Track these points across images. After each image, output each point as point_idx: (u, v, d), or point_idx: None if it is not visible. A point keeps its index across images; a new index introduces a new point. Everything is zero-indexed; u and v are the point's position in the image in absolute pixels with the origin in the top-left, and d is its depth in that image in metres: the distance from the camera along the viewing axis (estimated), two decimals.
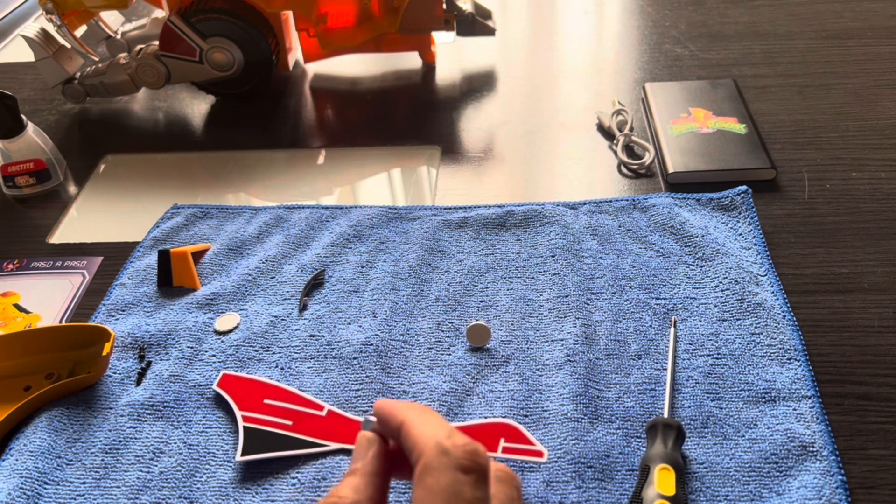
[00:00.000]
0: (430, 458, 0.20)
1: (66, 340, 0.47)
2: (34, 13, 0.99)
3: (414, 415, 0.22)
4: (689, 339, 0.46)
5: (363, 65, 0.81)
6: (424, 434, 0.21)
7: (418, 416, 0.22)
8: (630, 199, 0.58)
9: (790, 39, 0.79)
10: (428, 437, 0.21)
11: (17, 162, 0.64)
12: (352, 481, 0.22)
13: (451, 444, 0.20)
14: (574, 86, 0.75)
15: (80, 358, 0.47)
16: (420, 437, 0.21)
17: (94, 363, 0.46)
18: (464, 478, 0.20)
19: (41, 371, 0.46)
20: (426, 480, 0.20)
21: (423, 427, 0.21)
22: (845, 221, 0.55)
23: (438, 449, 0.20)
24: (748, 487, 0.38)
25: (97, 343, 0.46)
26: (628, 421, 0.42)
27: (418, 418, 0.22)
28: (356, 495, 0.21)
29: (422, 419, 0.22)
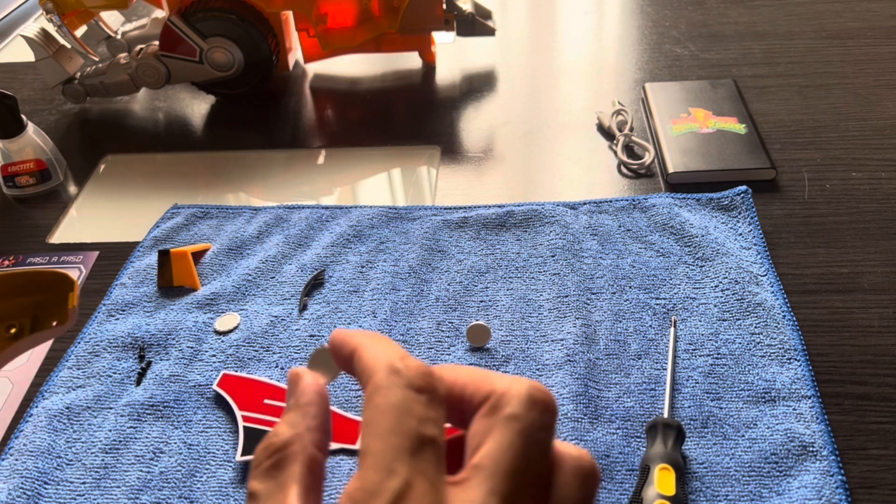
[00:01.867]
0: (380, 378, 0.19)
1: (23, 286, 0.42)
2: (34, 13, 0.99)
3: (367, 340, 0.21)
4: (689, 338, 0.46)
5: (363, 65, 0.81)
6: (376, 357, 0.20)
7: (371, 340, 0.21)
8: (630, 199, 0.58)
9: (790, 39, 0.79)
10: (380, 359, 0.20)
11: (17, 162, 0.64)
12: (286, 417, 0.21)
13: (402, 365, 0.19)
14: (574, 86, 0.75)
15: (41, 302, 0.42)
16: (371, 359, 0.20)
17: (58, 312, 0.42)
18: (415, 395, 0.19)
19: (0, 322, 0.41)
20: (374, 399, 0.19)
21: (375, 350, 0.20)
22: (845, 221, 0.55)
23: (389, 369, 0.19)
24: (748, 487, 0.38)
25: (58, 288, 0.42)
26: (628, 421, 0.42)
27: (371, 342, 0.21)
28: (292, 429, 0.20)
29: (374, 343, 0.21)
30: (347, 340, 0.21)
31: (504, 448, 0.18)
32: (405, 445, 0.18)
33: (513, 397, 0.19)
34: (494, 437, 0.18)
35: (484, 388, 0.19)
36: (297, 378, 0.22)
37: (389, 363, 0.19)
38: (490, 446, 0.18)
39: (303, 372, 0.22)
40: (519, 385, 0.19)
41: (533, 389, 0.19)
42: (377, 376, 0.19)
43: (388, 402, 0.19)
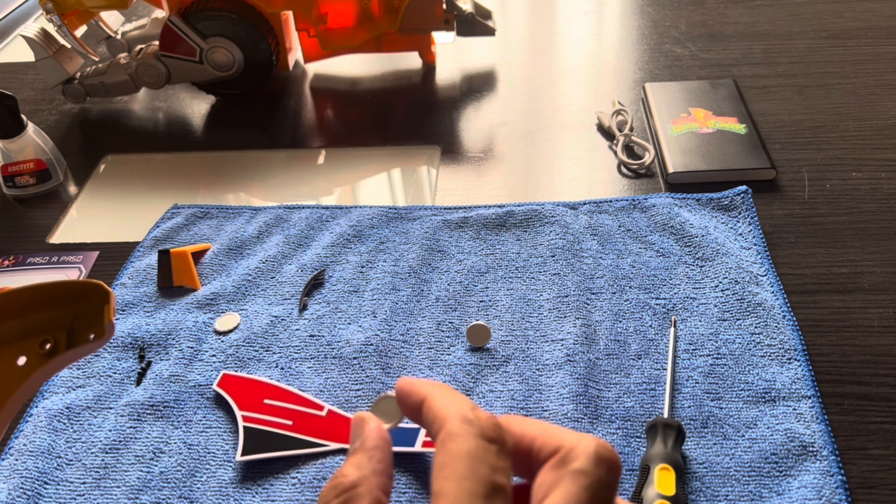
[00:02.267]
0: (453, 426, 0.20)
1: (55, 297, 0.39)
2: (34, 13, 0.99)
3: (436, 390, 0.22)
4: (689, 338, 0.46)
5: (363, 65, 0.81)
6: (447, 407, 0.21)
7: (441, 391, 0.22)
8: (630, 199, 0.58)
9: (790, 39, 0.79)
10: (451, 409, 0.20)
11: (18, 162, 0.64)
12: (352, 459, 0.22)
13: (474, 416, 0.20)
14: (574, 86, 0.75)
15: (74, 313, 0.39)
16: (442, 409, 0.21)
17: (93, 324, 0.38)
18: (487, 444, 0.19)
19: (33, 336, 0.38)
20: (448, 445, 0.20)
21: (446, 401, 0.21)
22: (845, 221, 0.55)
23: (462, 419, 0.20)
24: (748, 487, 0.38)
25: (92, 299, 0.38)
26: (628, 421, 0.42)
27: (441, 393, 0.21)
28: (359, 471, 0.21)
29: (444, 394, 0.21)
30: (416, 389, 0.22)
31: (570, 500, 0.19)
32: (478, 491, 0.18)
33: (581, 453, 0.20)
34: (561, 489, 0.19)
35: (553, 441, 0.20)
36: (363, 422, 0.22)
37: (462, 413, 0.20)
38: (557, 497, 0.19)
39: (368, 416, 0.23)
40: (587, 442, 0.20)
41: (601, 448, 0.20)
42: (450, 424, 0.20)
43: (462, 449, 0.19)
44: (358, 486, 0.20)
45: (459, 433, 0.19)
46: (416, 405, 0.22)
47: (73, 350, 0.37)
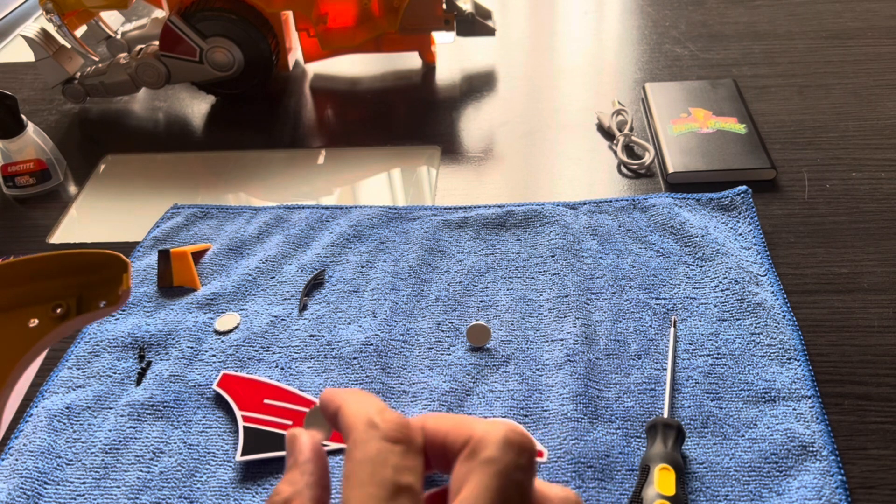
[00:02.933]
0: (358, 433, 0.20)
1: (72, 266, 0.40)
2: (34, 13, 0.99)
3: (350, 397, 0.22)
4: (689, 338, 0.46)
5: (363, 65, 0.81)
6: (356, 413, 0.21)
7: (353, 397, 0.22)
8: (630, 199, 0.58)
9: (790, 39, 0.79)
10: (359, 415, 0.21)
11: (18, 162, 0.64)
12: (287, 476, 0.22)
13: (380, 419, 0.20)
14: (574, 86, 0.75)
15: (88, 283, 0.40)
16: (352, 415, 0.21)
17: (108, 292, 0.39)
18: (391, 446, 0.19)
19: (45, 301, 0.39)
20: (353, 453, 0.20)
21: (356, 406, 0.21)
22: (845, 221, 0.55)
23: (367, 424, 0.20)
24: (748, 487, 0.38)
25: (108, 269, 0.40)
26: (628, 421, 0.42)
27: (353, 399, 0.22)
28: (292, 487, 0.21)
29: (356, 400, 0.22)
30: (333, 398, 0.22)
31: (482, 490, 0.19)
32: (381, 494, 0.18)
33: (489, 441, 0.19)
34: (472, 480, 0.19)
35: (463, 433, 0.20)
36: (294, 438, 0.23)
37: (367, 418, 0.20)
38: (468, 490, 0.19)
39: (299, 432, 0.23)
40: (496, 428, 0.20)
41: (509, 432, 0.20)
42: (356, 432, 0.20)
43: (365, 454, 0.19)
44: (291, 502, 0.20)
45: (364, 439, 0.20)
46: (333, 415, 0.22)
47: (84, 315, 0.38)
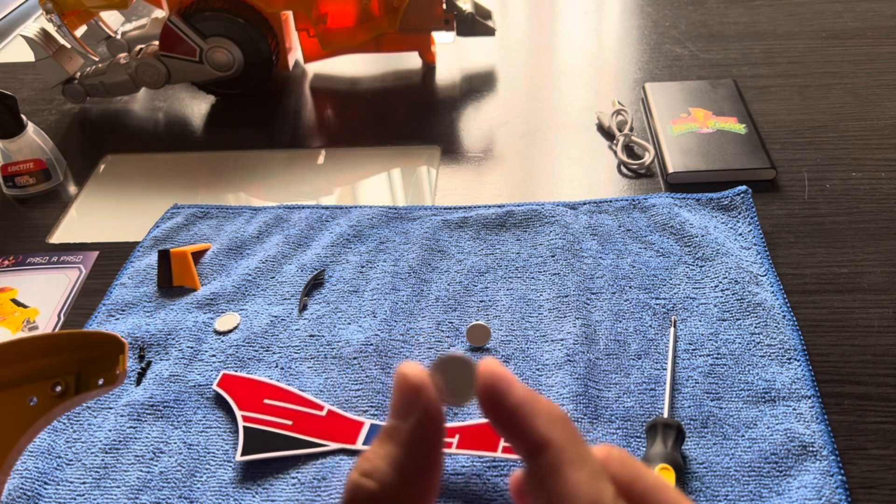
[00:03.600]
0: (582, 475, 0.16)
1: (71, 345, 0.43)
2: (34, 13, 0.99)
3: (566, 440, 0.17)
4: (689, 338, 0.46)
5: (363, 65, 0.81)
6: (583, 491, 0.16)
7: (571, 445, 0.16)
8: (630, 199, 0.58)
9: (790, 39, 0.79)
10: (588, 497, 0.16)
11: (18, 162, 0.64)
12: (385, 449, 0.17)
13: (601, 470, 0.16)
14: (574, 86, 0.75)
15: (86, 360, 0.42)
16: (576, 489, 0.16)
17: (104, 369, 0.41)
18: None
19: (45, 378, 0.41)
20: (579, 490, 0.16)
21: (581, 473, 0.16)
22: (845, 221, 0.55)
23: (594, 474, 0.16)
24: (748, 487, 0.38)
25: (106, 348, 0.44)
26: (628, 421, 0.42)
27: (573, 450, 0.16)
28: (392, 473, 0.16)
29: (577, 455, 0.16)
30: (532, 419, 0.17)
31: None
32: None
33: None
34: None
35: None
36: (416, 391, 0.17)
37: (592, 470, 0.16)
38: None
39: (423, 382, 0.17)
40: None
41: None
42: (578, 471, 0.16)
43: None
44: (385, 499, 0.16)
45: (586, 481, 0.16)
46: (530, 443, 0.17)
47: (83, 394, 0.40)
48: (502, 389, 0.17)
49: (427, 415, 0.17)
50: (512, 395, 0.17)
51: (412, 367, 0.18)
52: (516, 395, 0.17)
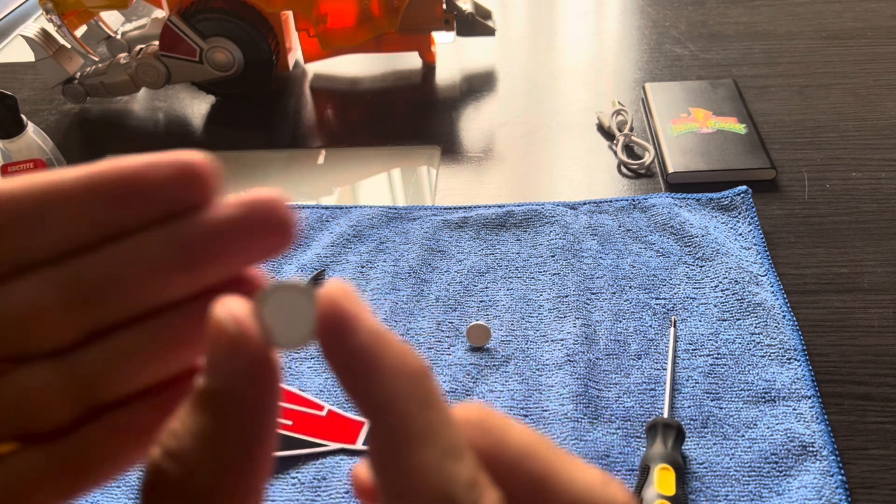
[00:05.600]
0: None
1: None
2: (34, 13, 0.98)
3: (412, 406, 0.13)
4: (689, 338, 0.46)
5: (363, 65, 0.81)
6: (429, 479, 0.13)
7: (419, 411, 0.13)
8: (630, 199, 0.58)
9: (790, 39, 0.79)
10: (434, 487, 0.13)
11: (17, 162, 0.64)
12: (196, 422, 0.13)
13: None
14: (574, 86, 0.75)
15: None
16: (419, 475, 0.13)
17: None
18: None
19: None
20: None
21: (428, 453, 0.13)
22: (845, 221, 0.55)
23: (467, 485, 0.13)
24: (748, 487, 0.38)
25: None
26: (628, 421, 0.42)
27: (420, 419, 0.13)
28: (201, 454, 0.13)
29: (425, 426, 0.13)
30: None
31: None
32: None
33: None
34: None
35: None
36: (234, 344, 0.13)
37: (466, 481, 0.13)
38: None
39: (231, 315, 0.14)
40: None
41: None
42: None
43: None
44: (208, 493, 0.13)
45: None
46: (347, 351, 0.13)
47: None
48: (344, 326, 0.13)
49: (251, 372, 0.13)
50: (355, 335, 0.13)
51: (231, 304, 0.14)
52: (361, 335, 0.13)
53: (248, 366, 0.13)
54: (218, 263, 0.15)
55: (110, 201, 0.15)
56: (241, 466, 0.13)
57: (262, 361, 0.13)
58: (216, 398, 0.13)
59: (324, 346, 0.14)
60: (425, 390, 0.13)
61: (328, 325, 0.13)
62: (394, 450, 0.13)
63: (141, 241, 0.15)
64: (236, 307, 0.14)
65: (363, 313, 0.14)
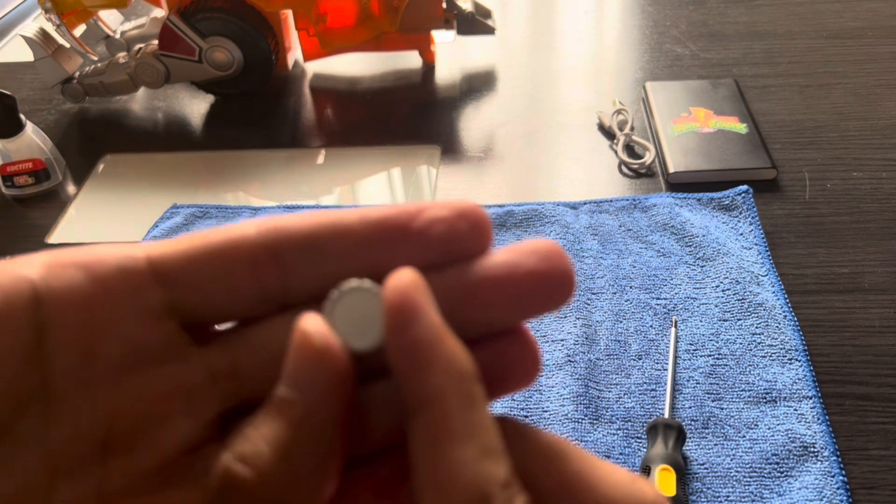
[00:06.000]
0: None
1: None
2: (33, 12, 0.98)
3: (456, 404, 0.14)
4: (690, 339, 0.46)
5: (363, 64, 0.81)
6: (466, 476, 0.13)
7: (462, 410, 0.14)
8: (630, 198, 0.57)
9: (791, 39, 0.79)
10: (471, 485, 0.13)
11: (16, 162, 0.64)
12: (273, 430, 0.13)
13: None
14: (574, 85, 0.75)
15: None
16: (456, 472, 0.13)
17: None
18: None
19: None
20: None
21: (466, 450, 0.13)
22: (846, 221, 0.55)
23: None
24: (749, 488, 0.38)
25: None
26: (629, 421, 0.42)
27: (462, 417, 0.14)
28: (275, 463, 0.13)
29: (467, 424, 0.14)
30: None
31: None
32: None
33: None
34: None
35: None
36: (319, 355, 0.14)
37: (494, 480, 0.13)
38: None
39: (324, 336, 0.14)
40: None
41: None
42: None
43: None
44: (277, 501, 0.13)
45: None
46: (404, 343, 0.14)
47: None
48: (407, 318, 0.13)
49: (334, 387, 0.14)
50: (415, 327, 0.13)
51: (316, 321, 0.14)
52: (421, 328, 0.13)
53: (330, 379, 0.14)
54: (489, 314, 0.15)
55: (388, 241, 0.15)
56: (313, 477, 0.13)
57: (344, 376, 0.14)
58: (296, 408, 0.13)
59: (387, 335, 0.14)
60: (471, 391, 0.14)
61: (395, 318, 0.14)
62: (435, 444, 0.13)
63: None
64: (322, 325, 0.14)
65: (426, 305, 0.14)
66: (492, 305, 0.15)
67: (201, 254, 0.15)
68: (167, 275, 0.15)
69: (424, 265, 0.15)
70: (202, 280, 0.15)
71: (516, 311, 0.15)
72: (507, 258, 0.15)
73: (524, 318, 0.15)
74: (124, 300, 0.14)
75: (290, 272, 0.15)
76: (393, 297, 0.14)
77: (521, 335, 0.15)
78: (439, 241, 0.15)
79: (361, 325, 0.14)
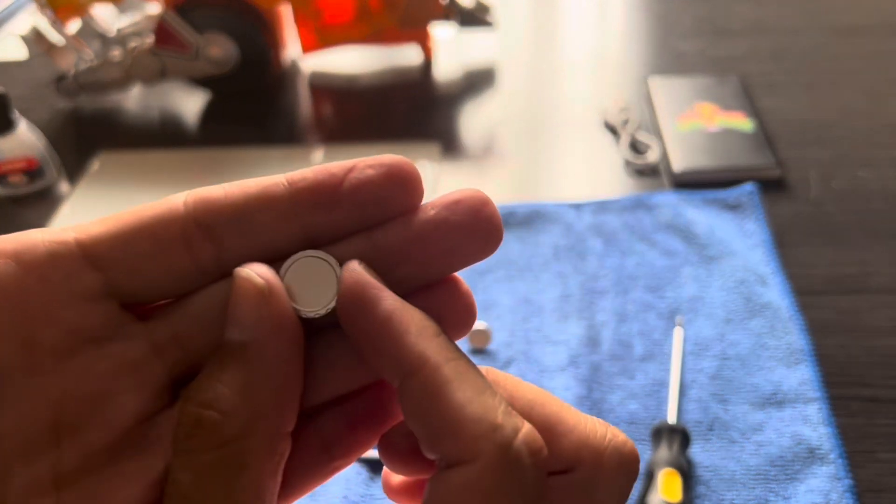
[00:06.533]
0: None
1: None
2: (27, 9, 0.97)
3: (443, 357, 0.15)
4: (695, 340, 0.46)
5: (361, 60, 0.80)
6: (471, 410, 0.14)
7: (450, 361, 0.15)
8: (634, 197, 0.57)
9: (797, 35, 0.78)
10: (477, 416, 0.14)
11: (9, 160, 0.63)
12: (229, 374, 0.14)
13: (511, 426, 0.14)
14: (577, 82, 0.74)
15: None
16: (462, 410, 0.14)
17: None
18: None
19: None
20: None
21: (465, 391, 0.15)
22: (853, 220, 0.54)
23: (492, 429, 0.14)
24: (755, 492, 0.38)
25: None
26: (633, 424, 0.41)
27: (452, 366, 0.15)
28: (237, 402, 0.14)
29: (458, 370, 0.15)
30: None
31: None
32: None
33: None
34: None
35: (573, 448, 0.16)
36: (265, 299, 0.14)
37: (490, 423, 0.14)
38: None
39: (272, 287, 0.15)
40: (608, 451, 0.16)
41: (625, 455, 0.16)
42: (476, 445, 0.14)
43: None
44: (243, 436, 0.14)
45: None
46: (377, 320, 0.15)
47: None
48: (370, 298, 0.15)
49: (280, 324, 0.15)
50: (382, 306, 0.15)
51: (257, 267, 0.15)
52: (386, 304, 0.15)
53: (276, 318, 0.15)
54: (423, 269, 0.16)
55: (318, 207, 0.15)
56: (271, 412, 0.15)
57: (288, 315, 0.15)
58: (247, 350, 0.14)
59: (347, 314, 0.15)
60: (449, 345, 0.15)
61: (353, 294, 0.15)
62: (433, 396, 0.14)
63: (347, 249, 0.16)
64: (262, 269, 0.15)
65: (385, 288, 0.15)
66: (425, 262, 0.16)
67: (132, 233, 0.15)
68: (100, 257, 0.15)
69: (356, 227, 0.16)
70: (136, 260, 0.15)
71: (448, 265, 0.16)
72: (437, 214, 0.16)
73: (456, 269, 0.16)
74: (58, 286, 0.15)
75: (223, 246, 0.15)
76: (353, 276, 0.15)
77: (454, 285, 0.16)
78: (369, 202, 0.15)
79: (313, 289, 0.15)
